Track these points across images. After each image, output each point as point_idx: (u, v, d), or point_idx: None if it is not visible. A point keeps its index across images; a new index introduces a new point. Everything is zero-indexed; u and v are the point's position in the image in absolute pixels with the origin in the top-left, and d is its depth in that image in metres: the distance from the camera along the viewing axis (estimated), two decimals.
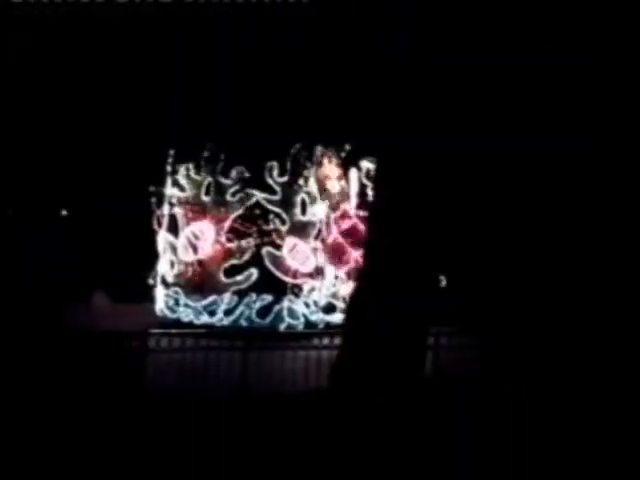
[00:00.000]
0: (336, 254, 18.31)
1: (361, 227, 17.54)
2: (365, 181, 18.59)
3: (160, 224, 18.59)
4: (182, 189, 18.19)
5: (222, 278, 17.54)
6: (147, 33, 11.90)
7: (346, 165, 18.64)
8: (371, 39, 9.41)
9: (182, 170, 18.12)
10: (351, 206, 18.74)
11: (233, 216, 17.71)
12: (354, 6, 10.30)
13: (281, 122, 15.45)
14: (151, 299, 18.26)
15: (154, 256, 18.53)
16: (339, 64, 11.67)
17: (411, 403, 6.85)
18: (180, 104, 15.44)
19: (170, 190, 18.31)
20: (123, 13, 10.08)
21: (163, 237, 18.39)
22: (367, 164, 18.40)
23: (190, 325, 17.00)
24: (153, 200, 18.44)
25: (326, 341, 9.26)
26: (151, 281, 18.62)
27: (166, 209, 18.44)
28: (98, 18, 10.47)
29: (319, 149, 17.82)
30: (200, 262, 17.72)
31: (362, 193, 18.65)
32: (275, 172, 17.50)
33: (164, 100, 15.06)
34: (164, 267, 18.24)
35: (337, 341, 8.39)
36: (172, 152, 18.19)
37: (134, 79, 14.12)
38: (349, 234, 18.29)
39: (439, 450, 6.74)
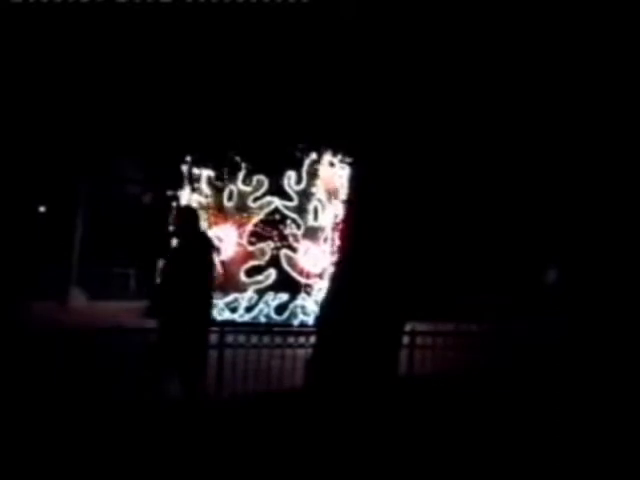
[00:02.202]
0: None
1: None
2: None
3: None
4: (204, 195, 17.34)
5: (243, 278, 16.96)
6: (147, 33, 10.94)
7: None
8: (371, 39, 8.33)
9: (204, 177, 17.25)
10: None
11: (254, 221, 17.01)
12: (354, 6, 9.23)
13: (283, 125, 14.43)
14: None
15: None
16: (339, 64, 10.62)
17: (384, 402, 5.90)
18: (180, 106, 14.48)
19: (188, 195, 17.42)
20: (123, 13, 9.18)
21: None
22: (339, 168, 17.25)
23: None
24: (174, 204, 17.58)
25: (302, 339, 8.11)
26: (158, 280, 17.72)
27: None
28: (98, 18, 9.57)
29: (327, 156, 16.87)
30: (222, 263, 16.82)
31: None
32: (292, 180, 16.91)
33: (164, 102, 14.12)
34: None
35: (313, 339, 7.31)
36: (189, 158, 17.34)
37: (134, 79, 13.18)
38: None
39: (416, 449, 5.98)
